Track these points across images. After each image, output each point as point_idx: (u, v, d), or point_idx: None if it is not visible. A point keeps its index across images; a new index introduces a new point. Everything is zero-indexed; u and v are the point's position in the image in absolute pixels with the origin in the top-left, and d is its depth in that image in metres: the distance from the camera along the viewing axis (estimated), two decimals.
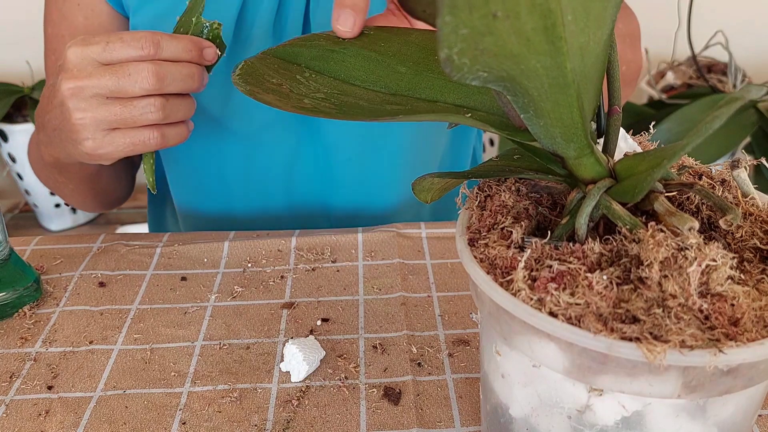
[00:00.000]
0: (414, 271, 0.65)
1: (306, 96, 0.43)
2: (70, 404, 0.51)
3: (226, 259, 0.67)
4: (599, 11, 0.29)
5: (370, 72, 0.45)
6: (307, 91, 0.43)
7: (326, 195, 0.80)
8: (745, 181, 0.37)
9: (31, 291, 0.61)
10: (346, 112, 0.41)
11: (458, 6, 0.24)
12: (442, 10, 0.24)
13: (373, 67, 0.45)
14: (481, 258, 0.35)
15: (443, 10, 0.24)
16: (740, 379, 0.31)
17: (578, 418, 0.34)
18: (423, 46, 0.45)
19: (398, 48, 0.46)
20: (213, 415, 0.49)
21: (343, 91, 0.44)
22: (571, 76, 0.29)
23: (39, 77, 1.94)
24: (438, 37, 0.25)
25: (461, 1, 0.24)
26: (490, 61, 0.27)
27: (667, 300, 0.30)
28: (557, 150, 0.34)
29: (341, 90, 0.44)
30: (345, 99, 0.42)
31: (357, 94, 0.43)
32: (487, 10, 0.25)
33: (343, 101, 0.42)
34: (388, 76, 0.44)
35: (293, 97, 0.43)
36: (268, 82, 0.44)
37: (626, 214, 0.34)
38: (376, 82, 0.44)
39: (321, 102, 0.42)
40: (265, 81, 0.45)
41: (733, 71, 1.69)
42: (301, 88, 0.44)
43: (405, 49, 0.46)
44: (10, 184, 2.11)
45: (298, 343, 0.53)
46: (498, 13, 0.25)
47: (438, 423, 0.49)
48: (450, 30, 0.25)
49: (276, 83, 0.44)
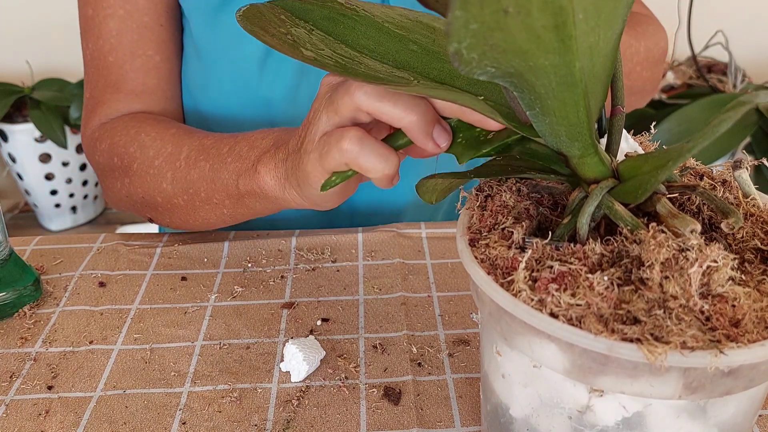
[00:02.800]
0: (414, 271, 0.65)
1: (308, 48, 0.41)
2: (70, 404, 0.51)
3: (226, 259, 0.67)
4: (610, 10, 0.28)
5: (379, 43, 0.44)
6: (310, 45, 0.42)
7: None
8: (746, 182, 0.37)
9: (31, 291, 0.61)
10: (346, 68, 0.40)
11: (470, 1, 0.24)
12: (454, 4, 0.24)
13: (384, 39, 0.44)
14: (481, 258, 0.35)
15: (455, 4, 0.24)
16: (741, 380, 0.31)
17: (579, 418, 0.34)
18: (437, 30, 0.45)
19: (412, 26, 0.45)
20: (213, 415, 0.49)
21: (350, 56, 0.42)
22: (579, 75, 0.29)
23: (39, 77, 1.94)
24: (448, 31, 0.25)
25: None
26: (499, 57, 0.27)
27: (668, 301, 0.30)
28: (561, 148, 0.34)
29: (347, 55, 0.42)
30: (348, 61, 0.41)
31: (363, 62, 0.42)
32: (498, 5, 0.24)
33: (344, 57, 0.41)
34: (398, 51, 0.43)
35: (295, 47, 0.41)
36: (275, 29, 0.43)
37: (628, 215, 0.34)
38: (385, 54, 0.43)
39: (322, 52, 0.41)
40: (270, 27, 0.43)
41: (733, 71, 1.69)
42: (305, 42, 0.42)
43: (419, 28, 0.45)
44: (10, 184, 2.11)
45: (298, 343, 0.53)
46: (509, 9, 0.25)
47: (438, 423, 0.49)
48: (461, 24, 0.25)
49: (282, 32, 0.43)
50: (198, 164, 0.62)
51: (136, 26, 0.71)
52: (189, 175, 0.62)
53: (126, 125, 0.69)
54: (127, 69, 0.71)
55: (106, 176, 0.71)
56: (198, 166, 0.62)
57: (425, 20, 0.46)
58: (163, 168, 0.64)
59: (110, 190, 0.71)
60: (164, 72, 0.73)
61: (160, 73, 0.73)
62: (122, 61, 0.71)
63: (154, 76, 0.73)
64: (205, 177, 0.61)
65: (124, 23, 0.71)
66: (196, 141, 0.64)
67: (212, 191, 0.61)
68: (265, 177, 0.56)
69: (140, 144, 0.66)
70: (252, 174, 0.57)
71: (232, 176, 0.59)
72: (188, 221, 0.66)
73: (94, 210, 2.11)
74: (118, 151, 0.68)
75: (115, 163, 0.68)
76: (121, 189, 0.69)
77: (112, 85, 0.72)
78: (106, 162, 0.70)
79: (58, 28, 1.90)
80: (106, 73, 0.72)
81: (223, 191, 0.60)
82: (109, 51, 0.71)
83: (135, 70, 0.71)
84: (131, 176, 0.67)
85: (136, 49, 0.71)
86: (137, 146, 0.66)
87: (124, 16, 0.70)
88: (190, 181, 0.62)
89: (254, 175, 0.57)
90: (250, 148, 0.59)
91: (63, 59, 1.96)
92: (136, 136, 0.67)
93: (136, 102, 0.72)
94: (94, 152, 0.71)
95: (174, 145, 0.64)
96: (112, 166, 0.69)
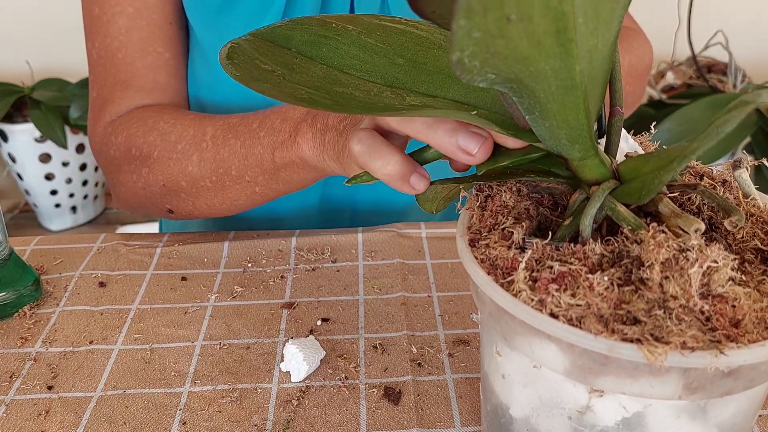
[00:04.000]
0: (414, 271, 0.65)
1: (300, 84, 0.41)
2: (70, 404, 0.51)
3: (226, 259, 0.67)
4: (608, 13, 0.29)
5: (365, 61, 0.43)
6: (301, 79, 0.41)
7: (353, 188, 0.79)
8: (746, 182, 0.37)
9: (31, 291, 0.61)
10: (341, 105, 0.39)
11: (473, 9, 0.24)
12: (458, 13, 0.24)
13: (369, 57, 0.43)
14: (481, 258, 0.35)
15: (459, 13, 0.24)
16: (741, 381, 0.31)
17: (579, 418, 0.34)
18: (421, 39, 0.45)
19: (395, 39, 0.44)
20: (213, 415, 0.49)
21: (338, 80, 0.42)
22: (579, 79, 0.29)
23: (39, 77, 1.94)
24: (451, 40, 0.25)
25: (477, 5, 0.24)
26: (500, 64, 0.27)
27: (668, 301, 0.30)
28: (561, 151, 0.34)
29: (335, 79, 0.42)
30: (339, 90, 0.41)
31: (352, 84, 0.42)
32: (501, 13, 0.24)
33: (337, 92, 0.40)
34: (385, 67, 0.43)
35: (287, 86, 0.40)
36: (260, 68, 0.42)
37: (631, 215, 0.34)
38: (372, 72, 0.43)
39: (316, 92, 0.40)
40: (256, 66, 0.42)
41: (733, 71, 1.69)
42: (295, 76, 0.41)
43: (402, 40, 0.44)
44: (10, 184, 2.11)
45: (298, 343, 0.53)
46: (512, 17, 0.25)
47: (438, 423, 0.49)
48: (464, 33, 0.25)
49: (268, 69, 0.42)
50: (227, 142, 0.61)
51: (146, 23, 0.71)
52: (218, 154, 0.61)
53: (141, 116, 0.68)
54: (137, 66, 0.71)
55: (120, 171, 0.70)
56: (227, 144, 0.61)
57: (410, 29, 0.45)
58: (188, 150, 0.63)
59: (123, 186, 0.70)
60: (173, 69, 0.73)
61: (169, 71, 0.73)
62: (132, 58, 0.71)
63: (164, 73, 0.73)
64: (237, 154, 0.60)
65: (134, 21, 0.70)
66: (219, 121, 0.63)
67: (245, 168, 0.60)
68: (303, 147, 0.55)
69: (160, 131, 0.65)
70: (290, 145, 0.57)
71: (267, 150, 0.58)
72: (214, 204, 0.65)
73: (94, 210, 2.11)
74: (136, 142, 0.67)
75: (133, 154, 0.67)
76: (137, 182, 0.68)
77: (121, 82, 0.71)
78: (122, 155, 0.69)
79: (58, 28, 1.90)
80: (115, 70, 0.71)
81: (257, 167, 0.60)
82: (118, 48, 0.71)
83: (145, 66, 0.71)
84: (151, 164, 0.66)
85: (146, 46, 0.71)
86: (157, 134, 0.66)
87: (133, 14, 0.70)
88: (220, 159, 0.61)
89: (293, 145, 0.56)
90: (282, 120, 0.58)
91: (63, 59, 1.96)
92: (155, 125, 0.66)
93: (145, 98, 0.72)
94: (109, 147, 0.70)
95: (196, 128, 0.64)
96: (129, 157, 0.68)
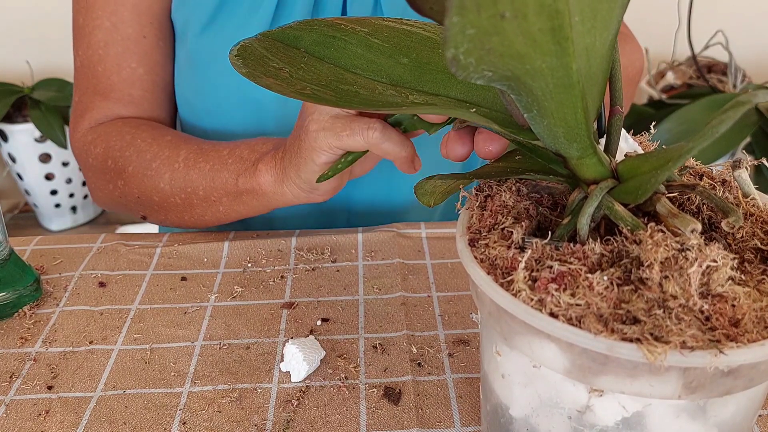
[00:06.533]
0: (414, 271, 0.65)
1: (307, 82, 0.42)
2: (70, 404, 0.51)
3: (226, 259, 0.67)
4: (606, 12, 0.29)
5: (371, 61, 0.45)
6: (307, 77, 0.43)
7: (348, 188, 0.79)
8: (746, 182, 0.37)
9: (31, 291, 0.61)
10: (344, 101, 0.41)
11: (466, 7, 0.24)
12: (451, 10, 0.24)
13: (375, 57, 0.45)
14: (481, 258, 0.35)
15: (452, 10, 0.24)
16: (741, 380, 0.31)
17: (578, 418, 0.34)
18: (427, 40, 0.45)
19: (402, 40, 0.46)
20: (213, 415, 0.49)
21: (344, 79, 0.43)
22: (576, 77, 0.29)
23: (39, 77, 1.94)
24: (445, 36, 0.25)
25: (470, 2, 0.24)
26: (496, 61, 0.27)
27: (668, 301, 0.30)
28: (560, 150, 0.34)
29: (341, 78, 0.44)
30: (345, 87, 0.42)
31: (357, 83, 0.43)
32: (495, 10, 0.24)
33: (342, 89, 0.42)
34: (390, 67, 0.44)
35: (294, 82, 0.42)
36: (268, 66, 0.44)
37: (628, 215, 0.34)
38: (378, 71, 0.44)
39: (321, 89, 0.42)
40: (264, 63, 0.44)
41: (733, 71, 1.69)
42: (302, 74, 0.43)
43: (408, 41, 0.45)
44: (10, 184, 2.11)
45: (298, 343, 0.53)
46: (506, 14, 0.25)
47: (438, 423, 0.49)
48: (457, 30, 0.25)
49: (276, 67, 0.44)
50: (198, 165, 0.66)
51: (121, 38, 0.73)
52: (188, 175, 0.66)
53: (121, 130, 0.72)
54: (114, 80, 0.74)
55: (97, 178, 0.74)
56: (197, 167, 0.66)
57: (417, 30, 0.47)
58: (161, 169, 0.67)
59: (101, 191, 0.75)
60: (147, 84, 0.76)
61: (143, 85, 0.76)
62: (110, 72, 0.74)
63: (138, 88, 0.75)
64: (205, 176, 0.65)
65: (110, 35, 0.73)
66: (194, 145, 0.68)
67: (211, 189, 0.65)
68: (264, 175, 0.60)
69: (136, 148, 0.69)
70: (252, 172, 0.61)
71: (232, 175, 0.63)
72: (183, 218, 0.70)
73: (94, 210, 2.11)
74: (113, 154, 0.71)
75: (109, 165, 0.71)
76: (114, 190, 0.72)
77: (101, 93, 0.75)
78: (99, 165, 0.72)
79: (58, 28, 1.90)
80: (95, 81, 0.75)
81: (222, 189, 0.64)
82: (98, 61, 0.74)
83: (121, 81, 0.74)
84: (126, 178, 0.70)
85: (121, 61, 0.74)
86: (133, 150, 0.69)
87: (110, 29, 0.73)
88: (189, 180, 0.66)
89: (254, 173, 0.61)
90: (251, 151, 0.63)
91: (63, 59, 1.96)
92: (132, 141, 0.70)
93: (122, 110, 0.75)
94: (87, 155, 0.74)
95: (171, 150, 0.68)
96: (105, 168, 0.71)
